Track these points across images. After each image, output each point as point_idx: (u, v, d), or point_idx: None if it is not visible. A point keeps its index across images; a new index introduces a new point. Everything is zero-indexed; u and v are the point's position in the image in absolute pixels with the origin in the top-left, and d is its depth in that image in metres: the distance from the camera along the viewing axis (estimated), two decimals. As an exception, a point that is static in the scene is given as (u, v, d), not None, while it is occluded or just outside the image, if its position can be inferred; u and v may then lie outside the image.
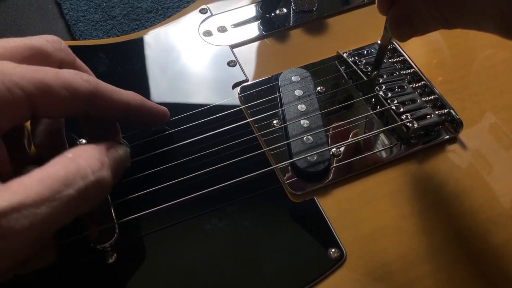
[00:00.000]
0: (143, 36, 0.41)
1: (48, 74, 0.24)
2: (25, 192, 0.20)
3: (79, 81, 0.25)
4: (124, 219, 0.29)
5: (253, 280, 0.28)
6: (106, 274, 0.28)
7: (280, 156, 0.33)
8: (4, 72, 0.22)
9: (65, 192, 0.21)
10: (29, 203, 0.20)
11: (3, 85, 0.21)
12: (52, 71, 0.24)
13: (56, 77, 0.24)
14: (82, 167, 0.23)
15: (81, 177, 0.22)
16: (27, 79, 0.22)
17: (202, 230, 0.30)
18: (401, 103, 0.34)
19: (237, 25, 0.42)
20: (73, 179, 0.22)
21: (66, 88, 0.24)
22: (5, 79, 0.22)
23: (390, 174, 0.32)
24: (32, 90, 0.22)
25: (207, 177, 0.31)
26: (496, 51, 0.39)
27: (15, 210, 0.20)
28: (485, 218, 0.30)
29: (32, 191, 0.20)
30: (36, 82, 0.23)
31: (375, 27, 0.39)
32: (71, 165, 0.22)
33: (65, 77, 0.24)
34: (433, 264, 0.28)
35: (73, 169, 0.22)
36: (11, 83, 0.22)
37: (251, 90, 0.37)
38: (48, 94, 0.23)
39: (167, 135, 0.34)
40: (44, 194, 0.21)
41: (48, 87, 0.23)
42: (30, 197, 0.20)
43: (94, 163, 0.24)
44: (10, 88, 0.22)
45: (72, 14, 0.51)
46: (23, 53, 0.25)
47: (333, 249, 0.29)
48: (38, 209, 0.20)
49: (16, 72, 0.22)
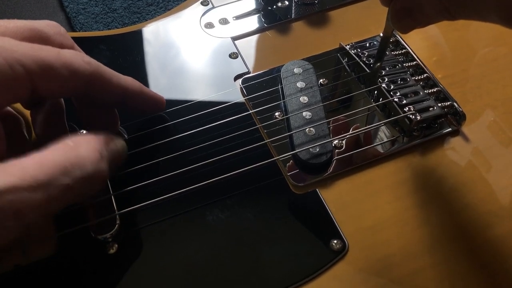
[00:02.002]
0: (145, 28, 0.41)
1: (50, 53, 0.24)
2: (21, 175, 0.20)
3: (80, 62, 0.25)
4: (125, 210, 0.29)
5: (255, 271, 0.28)
6: (107, 264, 0.28)
7: (282, 148, 0.33)
8: (6, 48, 0.22)
9: (62, 180, 0.21)
10: (25, 186, 0.20)
11: (5, 61, 0.21)
12: (54, 50, 0.24)
13: (58, 57, 0.24)
14: (81, 157, 0.23)
15: (79, 167, 0.22)
16: (29, 57, 0.22)
17: (204, 221, 0.30)
18: (403, 95, 0.34)
19: (239, 17, 0.42)
20: (71, 168, 0.22)
21: (66, 67, 0.24)
22: (7, 55, 0.22)
23: (392, 166, 0.32)
24: (33, 67, 0.23)
25: (209, 168, 0.31)
26: (498, 44, 0.39)
27: (10, 192, 0.19)
28: (486, 211, 0.30)
29: (29, 175, 0.20)
30: (38, 60, 0.23)
31: (378, 19, 0.39)
32: (71, 154, 0.22)
33: (66, 57, 0.24)
34: (434, 256, 0.28)
35: (72, 158, 0.22)
36: (12, 59, 0.22)
37: (253, 82, 0.37)
38: (48, 73, 0.23)
39: (169, 126, 0.34)
40: (41, 180, 0.20)
41: (49, 65, 0.23)
42: (26, 180, 0.20)
43: (94, 154, 0.23)
44: (11, 64, 0.22)
45: (72, 6, 0.51)
46: (24, 33, 0.25)
47: (335, 241, 0.29)
48: (32, 194, 0.20)
49: (18, 49, 0.22)
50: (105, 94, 0.28)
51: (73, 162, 0.22)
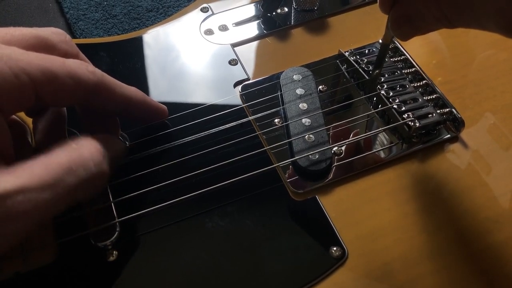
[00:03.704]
0: (145, 35, 0.41)
1: (55, 63, 0.24)
2: (29, 176, 0.21)
3: (84, 72, 0.25)
4: (125, 217, 0.29)
5: (254, 278, 0.28)
6: (107, 272, 0.28)
7: (282, 155, 0.33)
8: (11, 57, 0.22)
9: (67, 181, 0.22)
10: (33, 187, 0.21)
11: (10, 70, 0.22)
12: (59, 60, 0.24)
13: (63, 66, 0.24)
14: (85, 158, 0.24)
15: (83, 167, 0.23)
16: (34, 66, 0.23)
17: (203, 228, 0.30)
18: (402, 102, 0.34)
19: (238, 24, 0.42)
20: (75, 168, 0.23)
21: (71, 77, 0.24)
22: (12, 64, 0.22)
23: (392, 173, 0.32)
24: (38, 76, 0.23)
25: (208, 175, 0.31)
26: (497, 50, 0.39)
27: (20, 193, 0.20)
28: (486, 217, 0.30)
29: (36, 176, 0.21)
30: (43, 69, 0.23)
31: (377, 26, 0.39)
32: (74, 155, 0.23)
33: (71, 66, 0.25)
34: (434, 263, 0.28)
35: (76, 159, 0.23)
36: (18, 68, 0.22)
37: (253, 89, 0.37)
38: (53, 82, 0.24)
39: (169, 133, 0.34)
40: (47, 180, 0.21)
41: (54, 75, 0.24)
42: (34, 181, 0.21)
43: (96, 155, 0.24)
44: (16, 73, 0.22)
45: (72, 12, 0.51)
46: (29, 41, 0.25)
47: (335, 248, 0.29)
48: (41, 194, 0.21)
49: (24, 58, 0.23)
50: (109, 103, 0.28)
51: (77, 162, 0.23)
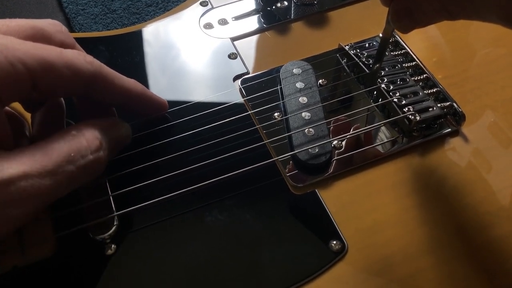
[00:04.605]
0: (144, 29, 0.41)
1: (52, 53, 0.24)
2: (31, 163, 0.22)
3: (82, 62, 0.25)
4: (124, 211, 0.29)
5: (254, 272, 0.28)
6: (105, 265, 0.28)
7: (281, 149, 0.33)
8: (8, 46, 0.22)
9: (67, 168, 0.23)
10: (35, 173, 0.21)
11: (6, 59, 0.22)
12: (56, 50, 0.24)
13: (60, 56, 0.24)
14: (83, 147, 0.24)
15: (82, 155, 0.24)
16: (30, 55, 0.23)
17: (203, 222, 0.29)
18: (403, 95, 0.34)
19: (238, 18, 0.42)
20: (74, 156, 0.23)
21: (68, 67, 0.24)
22: (8, 53, 0.22)
23: (392, 167, 0.32)
24: (34, 66, 0.23)
25: (208, 169, 0.31)
26: (498, 45, 0.39)
27: (22, 178, 0.21)
28: (486, 211, 0.30)
29: (38, 163, 0.22)
30: (39, 58, 0.23)
31: (377, 20, 0.39)
32: (74, 143, 0.24)
33: (68, 56, 0.24)
34: (434, 257, 0.28)
35: (75, 147, 0.24)
36: (14, 58, 0.22)
37: (252, 83, 0.37)
38: (50, 72, 0.23)
39: (168, 126, 0.34)
40: (48, 167, 0.22)
41: (51, 65, 0.23)
42: (36, 168, 0.22)
43: (95, 143, 0.25)
44: (12, 63, 0.22)
45: (71, 7, 0.51)
46: (26, 31, 0.25)
47: (335, 241, 0.28)
48: (42, 180, 0.22)
49: (20, 47, 0.23)
50: (107, 95, 0.28)
51: (76, 151, 0.24)
